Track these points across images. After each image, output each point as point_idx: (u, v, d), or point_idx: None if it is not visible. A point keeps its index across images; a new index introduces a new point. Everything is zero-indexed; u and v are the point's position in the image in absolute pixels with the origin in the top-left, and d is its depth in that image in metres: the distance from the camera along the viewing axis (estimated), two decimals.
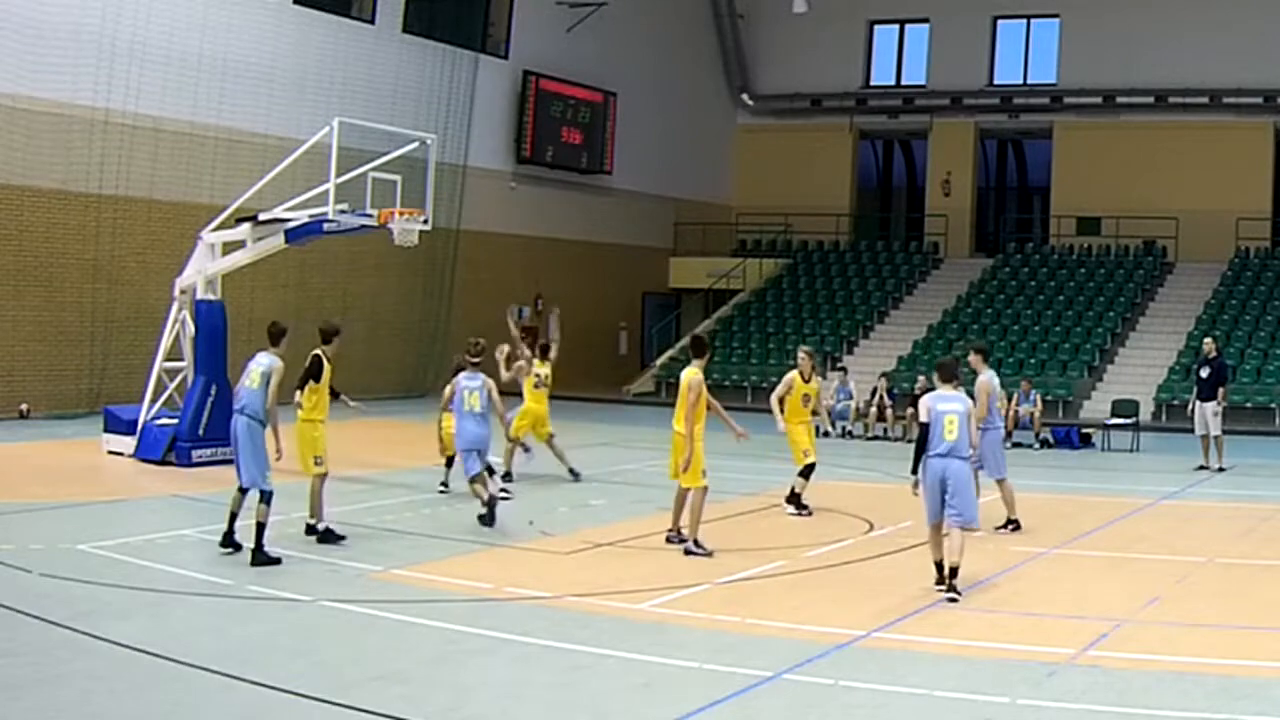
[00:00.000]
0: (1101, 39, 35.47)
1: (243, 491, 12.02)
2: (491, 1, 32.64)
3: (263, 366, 12.27)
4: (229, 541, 11.98)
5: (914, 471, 11.05)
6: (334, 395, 13.10)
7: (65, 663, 8.31)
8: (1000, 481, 14.03)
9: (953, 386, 11.26)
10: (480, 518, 13.53)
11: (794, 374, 15.30)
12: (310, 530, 12.69)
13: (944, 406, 10.94)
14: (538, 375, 17.21)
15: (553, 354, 17.86)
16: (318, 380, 12.74)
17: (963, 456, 10.86)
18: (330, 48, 27.80)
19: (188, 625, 9.56)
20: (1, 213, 22.66)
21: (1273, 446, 23.98)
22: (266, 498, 11.73)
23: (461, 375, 14.29)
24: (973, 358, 14.48)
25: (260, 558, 11.47)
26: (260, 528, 11.52)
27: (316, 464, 12.64)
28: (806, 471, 15.04)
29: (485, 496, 13.68)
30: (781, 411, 15.02)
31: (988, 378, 13.99)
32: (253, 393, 12.19)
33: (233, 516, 12.01)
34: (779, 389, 15.23)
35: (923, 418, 10.99)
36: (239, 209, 18.84)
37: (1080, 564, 12.36)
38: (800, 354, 15.72)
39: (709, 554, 12.20)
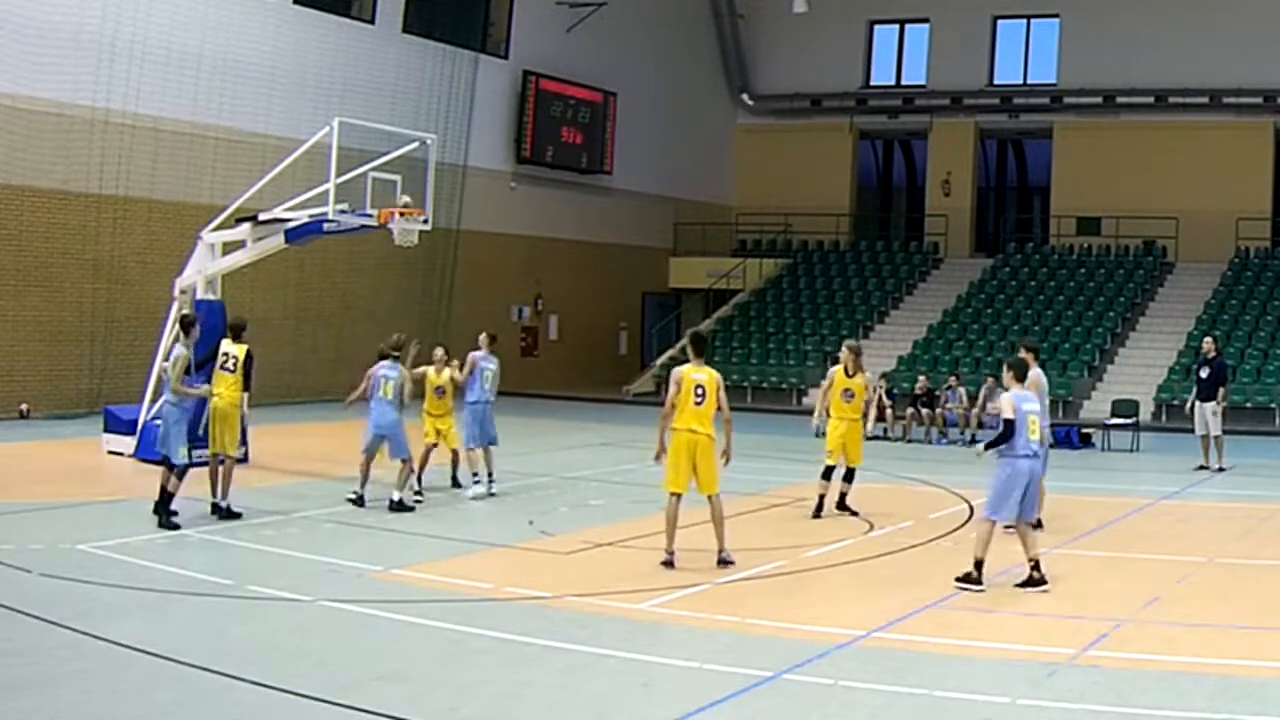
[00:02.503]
0: (1101, 39, 35.48)
1: (173, 468, 13.08)
2: (491, 1, 32.66)
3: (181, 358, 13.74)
4: (169, 523, 12.92)
5: (983, 445, 11.27)
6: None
7: (65, 663, 8.31)
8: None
9: (1022, 385, 11.35)
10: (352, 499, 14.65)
11: (836, 369, 15.32)
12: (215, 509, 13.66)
13: (1027, 407, 11.11)
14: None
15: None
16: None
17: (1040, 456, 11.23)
18: (330, 48, 27.80)
19: (188, 625, 9.55)
20: (1, 213, 22.68)
21: (1273, 446, 23.98)
22: (181, 471, 13.08)
23: (384, 364, 14.85)
24: (1022, 354, 14.38)
25: (168, 521, 12.90)
26: (171, 496, 13.01)
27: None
28: (826, 473, 14.86)
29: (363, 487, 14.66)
30: (827, 407, 14.99)
31: (1037, 374, 13.93)
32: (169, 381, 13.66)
33: (170, 496, 13.09)
34: (824, 383, 15.30)
35: (1008, 414, 11.01)
36: (239, 209, 18.83)
37: (1080, 564, 12.35)
38: (843, 348, 15.58)
39: (734, 561, 11.80)
